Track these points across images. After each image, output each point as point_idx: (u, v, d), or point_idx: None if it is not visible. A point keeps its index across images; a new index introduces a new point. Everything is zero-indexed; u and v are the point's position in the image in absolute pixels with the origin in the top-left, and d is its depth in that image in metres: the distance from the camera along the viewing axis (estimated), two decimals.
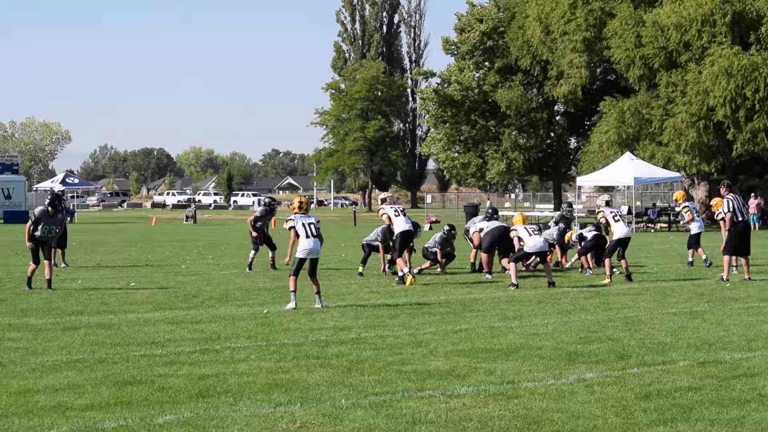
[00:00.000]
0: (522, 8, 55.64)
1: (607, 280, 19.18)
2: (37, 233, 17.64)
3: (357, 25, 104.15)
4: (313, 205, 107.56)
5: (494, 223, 20.89)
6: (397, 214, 19.60)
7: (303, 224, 15.13)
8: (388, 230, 20.42)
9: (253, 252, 22.43)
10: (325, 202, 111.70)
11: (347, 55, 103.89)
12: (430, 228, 48.34)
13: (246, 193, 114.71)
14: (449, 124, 61.54)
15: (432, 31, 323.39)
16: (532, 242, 18.54)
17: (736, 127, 45.09)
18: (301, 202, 15.63)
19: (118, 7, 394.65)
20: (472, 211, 59.55)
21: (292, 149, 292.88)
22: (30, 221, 17.84)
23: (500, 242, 20.29)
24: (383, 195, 21.08)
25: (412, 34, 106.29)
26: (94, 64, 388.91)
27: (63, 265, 23.33)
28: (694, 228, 23.53)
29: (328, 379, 9.58)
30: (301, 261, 14.99)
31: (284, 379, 9.53)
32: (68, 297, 16.62)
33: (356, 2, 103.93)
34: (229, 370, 10.02)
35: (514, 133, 58.96)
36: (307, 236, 15.02)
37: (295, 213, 15.42)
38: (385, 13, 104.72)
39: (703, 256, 23.14)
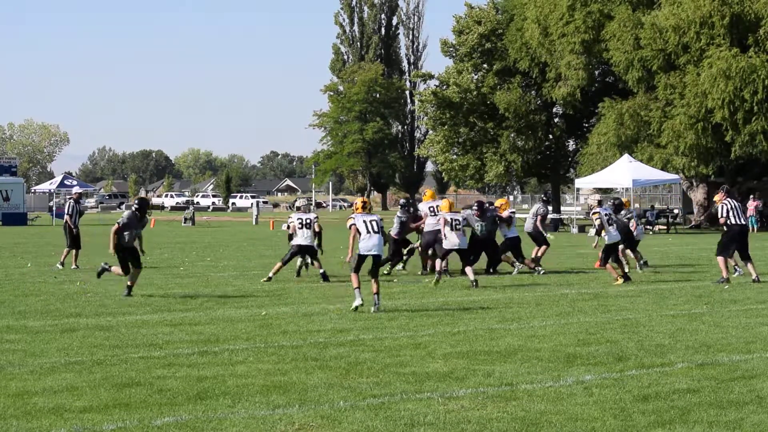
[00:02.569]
0: (520, 10, 55.66)
1: (619, 281, 19.39)
2: (122, 239, 16.70)
3: (355, 27, 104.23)
4: (311, 207, 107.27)
5: (433, 221, 20.44)
6: (368, 230, 18.08)
7: (364, 221, 15.15)
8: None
9: (300, 260, 21.06)
10: (324, 204, 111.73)
11: (346, 57, 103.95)
12: None
13: (244, 195, 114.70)
14: (448, 126, 61.50)
15: (430, 33, 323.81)
16: (450, 240, 18.49)
17: (734, 129, 45.11)
18: (364, 203, 15.72)
19: (118, 9, 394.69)
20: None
21: (290, 151, 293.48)
22: (116, 227, 16.70)
23: (436, 243, 20.03)
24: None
25: (411, 36, 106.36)
26: (92, 65, 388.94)
27: (74, 266, 23.20)
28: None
29: (327, 381, 9.58)
30: (362, 258, 15.02)
31: (282, 381, 9.53)
32: (66, 299, 16.61)
33: (355, 4, 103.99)
34: (227, 372, 10.02)
35: (512, 135, 58.92)
36: (368, 231, 15.04)
37: (358, 213, 15.41)
38: (383, 15, 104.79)
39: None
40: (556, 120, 62.76)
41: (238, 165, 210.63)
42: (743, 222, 19.96)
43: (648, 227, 47.78)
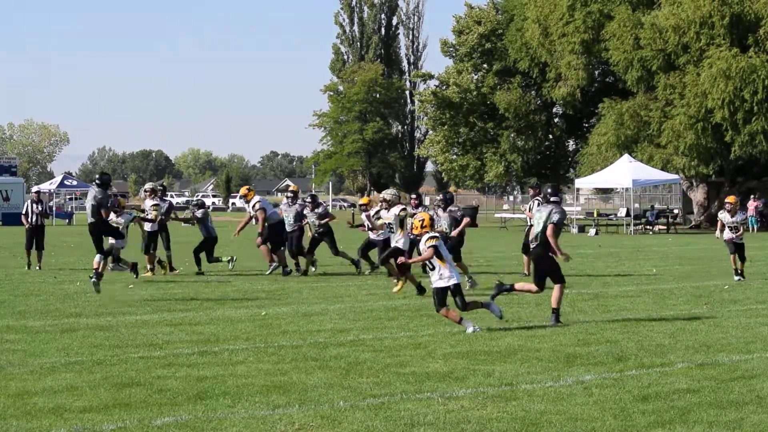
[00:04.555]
0: (520, 10, 55.65)
1: (399, 286, 17.51)
2: None
3: (355, 27, 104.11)
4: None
5: None
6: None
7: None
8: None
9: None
10: (324, 204, 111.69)
11: (345, 57, 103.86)
12: None
13: None
14: (447, 126, 61.49)
15: (430, 33, 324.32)
16: None
17: (734, 129, 45.12)
18: (432, 219, 13.38)
19: (118, 9, 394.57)
20: (470, 213, 59.57)
21: (290, 151, 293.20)
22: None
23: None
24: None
25: (411, 36, 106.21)
26: (92, 66, 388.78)
27: (37, 267, 23.09)
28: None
29: (327, 381, 9.58)
30: (445, 292, 12.68)
31: (282, 381, 9.53)
32: (66, 299, 16.61)
33: (355, 4, 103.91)
34: (227, 372, 10.01)
35: (512, 135, 58.93)
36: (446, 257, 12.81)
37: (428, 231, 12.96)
38: (383, 15, 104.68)
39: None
40: (556, 120, 62.76)
41: (238, 165, 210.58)
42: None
43: (648, 227, 47.86)
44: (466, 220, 19.27)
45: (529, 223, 21.23)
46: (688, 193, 54.18)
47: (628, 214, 48.39)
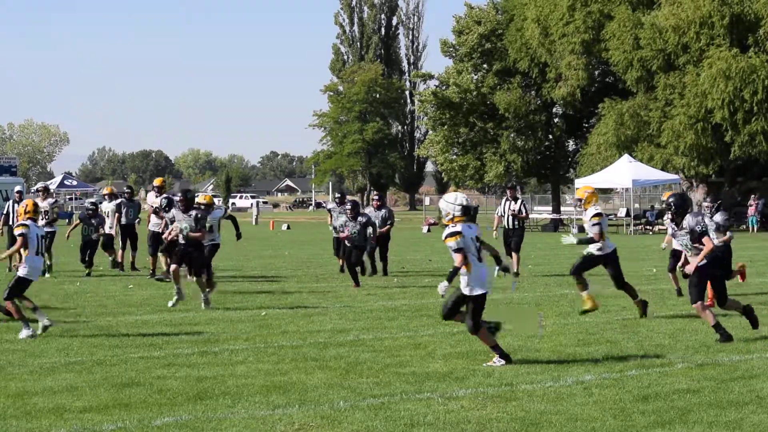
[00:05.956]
0: (520, 10, 55.64)
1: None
2: None
3: (355, 28, 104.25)
4: (311, 207, 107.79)
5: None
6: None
7: (37, 236, 12.52)
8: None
9: None
10: (324, 204, 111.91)
11: (345, 57, 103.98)
12: (429, 230, 48.32)
13: (244, 195, 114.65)
14: (447, 127, 61.47)
15: (430, 33, 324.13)
16: None
17: (734, 129, 45.10)
18: (36, 205, 12.83)
19: (117, 9, 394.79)
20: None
21: (290, 151, 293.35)
22: None
23: None
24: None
25: (411, 37, 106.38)
26: (92, 66, 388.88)
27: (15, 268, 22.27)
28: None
29: (327, 381, 9.58)
30: (27, 282, 12.50)
31: (282, 381, 9.53)
32: (66, 299, 16.60)
33: (355, 4, 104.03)
34: (227, 372, 10.02)
35: (512, 135, 58.91)
36: (38, 253, 12.56)
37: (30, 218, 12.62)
38: (383, 16, 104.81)
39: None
40: (556, 120, 62.71)
41: (238, 165, 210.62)
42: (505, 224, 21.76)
43: (648, 227, 47.84)
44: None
45: (505, 225, 21.44)
46: (688, 193, 54.16)
47: (628, 214, 48.38)
